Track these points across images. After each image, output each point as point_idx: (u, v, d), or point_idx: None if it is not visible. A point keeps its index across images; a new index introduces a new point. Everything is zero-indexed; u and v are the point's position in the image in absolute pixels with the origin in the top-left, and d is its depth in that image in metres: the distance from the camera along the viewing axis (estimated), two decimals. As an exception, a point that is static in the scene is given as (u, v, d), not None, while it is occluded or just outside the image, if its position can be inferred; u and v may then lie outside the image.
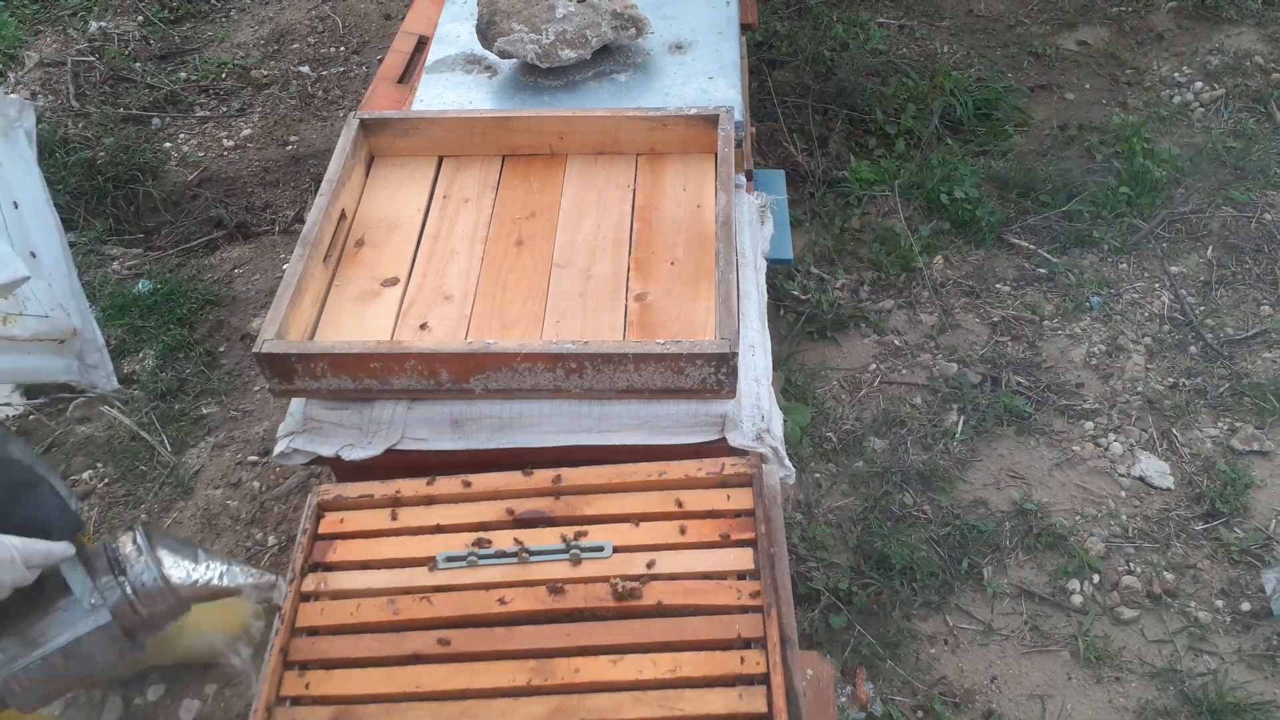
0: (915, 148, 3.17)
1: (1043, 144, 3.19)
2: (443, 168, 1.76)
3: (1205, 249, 2.83)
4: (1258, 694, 1.94)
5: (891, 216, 2.95)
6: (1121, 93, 3.36)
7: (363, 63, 3.76)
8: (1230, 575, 2.13)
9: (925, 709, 1.95)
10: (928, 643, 2.05)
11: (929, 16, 3.72)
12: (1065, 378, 2.52)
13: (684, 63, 1.98)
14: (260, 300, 2.85)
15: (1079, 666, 2.00)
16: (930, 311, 2.70)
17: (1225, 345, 2.57)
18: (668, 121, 1.71)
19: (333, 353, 1.39)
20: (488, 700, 1.21)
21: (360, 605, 1.31)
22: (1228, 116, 3.22)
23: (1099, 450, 2.36)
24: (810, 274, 2.80)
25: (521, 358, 1.38)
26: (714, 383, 1.39)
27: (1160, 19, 3.65)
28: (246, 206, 3.17)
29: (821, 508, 2.27)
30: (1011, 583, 2.14)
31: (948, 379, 2.52)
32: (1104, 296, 2.70)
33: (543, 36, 1.87)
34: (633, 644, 1.25)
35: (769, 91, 3.31)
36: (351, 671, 1.25)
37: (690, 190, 1.68)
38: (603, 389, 1.41)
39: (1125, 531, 2.21)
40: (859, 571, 2.15)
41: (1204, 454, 2.34)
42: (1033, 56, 3.52)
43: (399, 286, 1.57)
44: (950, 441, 2.38)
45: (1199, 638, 2.03)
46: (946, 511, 2.24)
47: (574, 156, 1.76)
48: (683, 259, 1.57)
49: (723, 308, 1.40)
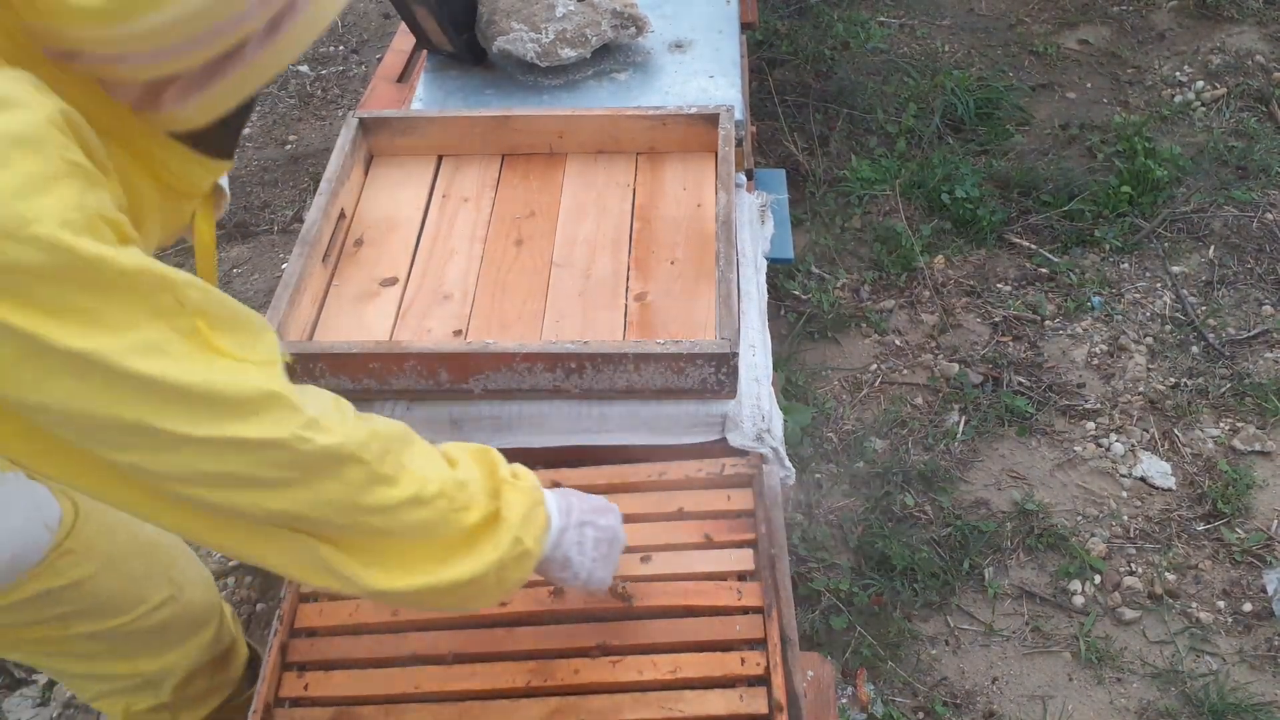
0: (916, 147, 3.16)
1: (1044, 143, 3.18)
2: (442, 167, 1.76)
3: (1207, 249, 2.83)
4: (1259, 695, 1.93)
5: (892, 216, 2.95)
6: (1123, 92, 3.36)
7: (362, 62, 3.75)
8: (1232, 576, 2.13)
9: (926, 710, 1.94)
10: (929, 644, 2.04)
11: (930, 15, 3.71)
12: (1067, 378, 2.51)
13: (684, 62, 1.98)
14: (259, 300, 2.85)
15: (1080, 667, 2.00)
16: (931, 311, 2.69)
17: (1227, 345, 2.56)
18: (668, 120, 1.70)
19: (332, 353, 1.38)
20: (487, 701, 1.20)
21: (359, 606, 1.30)
22: (1229, 116, 3.21)
23: (1100, 450, 2.35)
24: (811, 273, 2.80)
25: (521, 358, 1.37)
26: (714, 383, 1.38)
27: (1161, 18, 3.64)
28: (245, 206, 3.17)
29: (822, 508, 2.27)
30: (1013, 583, 2.13)
31: (949, 379, 2.52)
32: (1105, 296, 2.70)
33: (542, 35, 1.87)
34: (633, 645, 1.25)
35: (769, 90, 3.30)
36: (351, 672, 1.25)
37: (690, 189, 1.68)
38: (602, 389, 1.40)
39: (1127, 532, 2.20)
40: (860, 572, 2.14)
41: (1205, 454, 2.33)
42: (1034, 55, 3.51)
43: (398, 286, 1.56)
44: (951, 442, 2.37)
45: (1200, 638, 2.03)
46: (947, 512, 2.24)
47: (574, 156, 1.75)
48: (683, 258, 1.56)
49: (723, 307, 1.39)
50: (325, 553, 0.93)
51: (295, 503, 0.88)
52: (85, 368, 0.75)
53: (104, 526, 1.28)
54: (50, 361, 0.75)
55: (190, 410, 0.80)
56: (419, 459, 0.98)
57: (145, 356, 0.77)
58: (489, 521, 1.02)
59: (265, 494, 0.86)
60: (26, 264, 0.71)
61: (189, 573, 1.44)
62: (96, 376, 0.76)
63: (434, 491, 0.96)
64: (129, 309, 0.77)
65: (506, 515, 1.02)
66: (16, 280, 0.72)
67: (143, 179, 0.98)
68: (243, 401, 0.83)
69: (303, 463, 0.86)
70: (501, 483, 1.05)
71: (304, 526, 0.91)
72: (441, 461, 1.01)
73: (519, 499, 1.04)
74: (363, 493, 0.91)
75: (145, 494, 0.87)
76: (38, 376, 0.75)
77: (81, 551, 1.23)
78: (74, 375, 0.76)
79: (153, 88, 0.88)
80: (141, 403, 0.78)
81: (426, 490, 0.95)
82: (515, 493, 1.04)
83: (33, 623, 1.26)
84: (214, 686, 1.56)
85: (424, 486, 0.95)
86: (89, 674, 1.41)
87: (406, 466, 0.95)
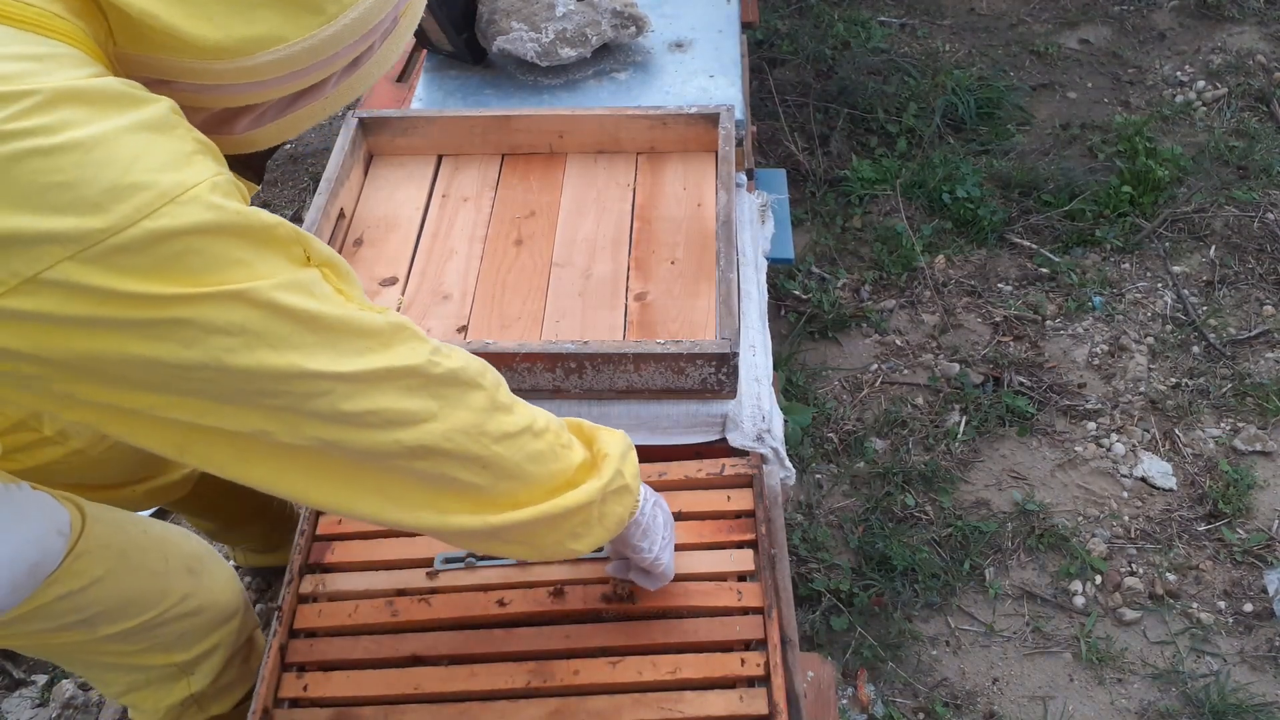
0: (917, 146, 3.16)
1: (1045, 143, 3.18)
2: (442, 167, 1.75)
3: (1208, 248, 2.82)
4: (1260, 695, 1.93)
5: (893, 216, 2.95)
6: (1123, 92, 3.35)
7: (363, 62, 3.74)
8: (1233, 576, 2.12)
9: (927, 710, 1.94)
10: (929, 644, 2.04)
11: (930, 15, 3.71)
12: (1067, 378, 2.51)
13: (684, 61, 1.97)
14: (260, 300, 2.84)
15: (1081, 668, 1.99)
16: (932, 311, 2.69)
17: (1228, 345, 2.56)
18: (668, 120, 1.70)
19: (331, 352, 1.38)
20: (487, 702, 1.20)
21: (358, 607, 1.30)
22: (1230, 116, 3.21)
23: (1101, 451, 2.35)
24: (811, 273, 2.80)
25: (521, 358, 1.37)
26: (714, 383, 1.38)
27: (1162, 18, 3.64)
28: (246, 206, 3.16)
29: (822, 509, 2.26)
30: (1013, 584, 2.13)
31: (949, 379, 2.51)
32: (1106, 296, 2.69)
33: (542, 35, 1.87)
34: (633, 645, 1.24)
35: (770, 90, 3.30)
36: (350, 673, 1.24)
37: (691, 189, 1.68)
38: (602, 389, 1.40)
39: (1127, 532, 2.20)
40: (860, 573, 2.14)
41: (1206, 454, 2.33)
42: (1034, 55, 3.51)
43: (397, 286, 1.56)
44: (952, 442, 2.37)
45: (1201, 639, 2.02)
46: (948, 512, 2.24)
47: (574, 155, 1.75)
48: (683, 258, 1.56)
49: (723, 307, 1.39)
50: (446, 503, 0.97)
51: (430, 434, 0.91)
52: (242, 307, 0.79)
53: (112, 524, 1.28)
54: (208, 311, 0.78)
55: (336, 346, 0.84)
56: (519, 401, 1.03)
57: (293, 293, 0.82)
58: (590, 461, 1.08)
59: (403, 431, 0.90)
60: (191, 224, 0.76)
61: (207, 563, 1.44)
62: (252, 312, 0.79)
63: (544, 424, 1.02)
64: (275, 259, 0.82)
65: (608, 451, 1.08)
66: (182, 244, 0.76)
67: None
68: (379, 332, 0.87)
69: (435, 388, 0.91)
70: (595, 429, 1.12)
71: (433, 466, 0.94)
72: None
73: (615, 440, 1.11)
74: (488, 418, 0.95)
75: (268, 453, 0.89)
76: (194, 335, 0.78)
77: (95, 551, 1.24)
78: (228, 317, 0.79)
79: (229, 115, 0.92)
80: (292, 345, 0.82)
81: (538, 421, 1.01)
82: (612, 437, 1.11)
83: (59, 629, 1.26)
84: (241, 676, 1.57)
85: (535, 417, 1.01)
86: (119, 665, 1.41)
87: (516, 399, 1.01)
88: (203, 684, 1.47)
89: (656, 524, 1.19)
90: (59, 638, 1.28)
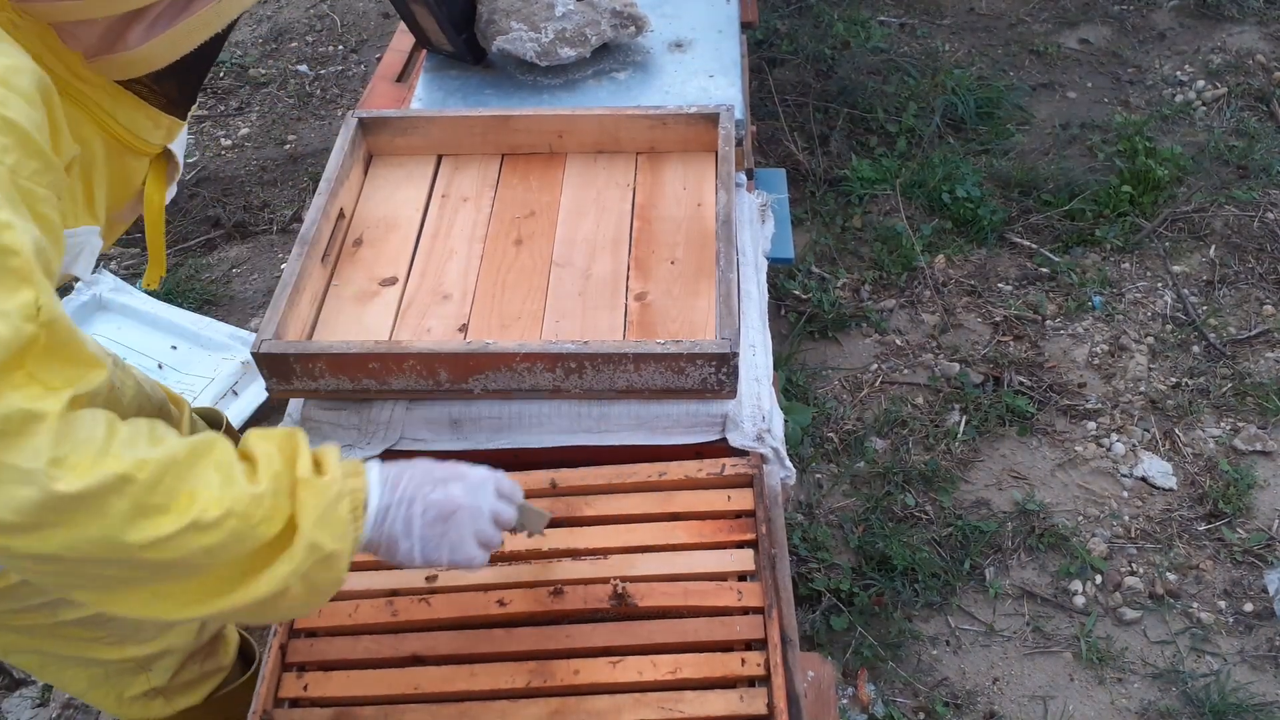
0: (917, 146, 3.16)
1: (1045, 143, 3.18)
2: (441, 166, 1.75)
3: (1208, 248, 2.82)
4: (1260, 695, 1.93)
5: (893, 215, 2.94)
6: (1123, 91, 3.35)
7: (361, 61, 3.75)
8: (1233, 576, 2.12)
9: (927, 710, 1.94)
10: (929, 644, 2.04)
11: (930, 15, 3.71)
12: (1067, 377, 2.51)
13: (684, 61, 1.97)
14: (258, 300, 2.84)
15: (1081, 667, 1.99)
16: (932, 311, 2.69)
17: (1228, 345, 2.56)
18: (668, 120, 1.70)
19: (331, 353, 1.38)
20: (487, 702, 1.20)
21: (359, 607, 1.30)
22: (1230, 115, 3.21)
23: (1101, 450, 2.35)
24: (811, 273, 2.79)
25: (521, 358, 1.37)
26: (714, 383, 1.38)
27: (1162, 17, 3.64)
28: (244, 206, 3.16)
29: (823, 508, 2.26)
30: (1013, 583, 2.13)
31: (949, 379, 2.51)
32: (1106, 296, 2.69)
33: (542, 35, 1.87)
34: (633, 645, 1.24)
35: (769, 90, 3.30)
36: (350, 673, 1.24)
37: (690, 189, 1.67)
38: (602, 389, 1.40)
39: (1128, 532, 2.20)
40: (860, 572, 2.14)
41: (1206, 454, 2.33)
42: (1034, 55, 3.51)
43: (397, 286, 1.56)
44: (952, 442, 2.37)
45: (1201, 638, 2.02)
46: (948, 512, 2.24)
47: (573, 155, 1.75)
48: (683, 258, 1.56)
49: (723, 307, 1.39)
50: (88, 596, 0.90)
51: (49, 544, 0.83)
52: None
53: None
54: None
55: None
56: (209, 475, 0.92)
57: None
58: (285, 532, 0.95)
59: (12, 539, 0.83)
60: None
61: None
62: None
63: (218, 514, 0.90)
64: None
65: (300, 521, 0.95)
66: None
67: (91, 133, 0.98)
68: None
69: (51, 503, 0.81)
70: (297, 482, 0.97)
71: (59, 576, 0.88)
72: (239, 473, 0.94)
73: (313, 499, 0.96)
74: (127, 527, 0.85)
75: None
76: None
77: None
78: None
79: (117, 25, 0.89)
80: None
81: (208, 514, 0.89)
82: (309, 492, 0.97)
83: (20, 610, 1.27)
84: (205, 673, 1.58)
85: (205, 510, 0.89)
86: (79, 658, 1.42)
87: (183, 491, 0.89)
88: (162, 680, 1.48)
89: (410, 528, 1.07)
90: (20, 619, 1.30)
